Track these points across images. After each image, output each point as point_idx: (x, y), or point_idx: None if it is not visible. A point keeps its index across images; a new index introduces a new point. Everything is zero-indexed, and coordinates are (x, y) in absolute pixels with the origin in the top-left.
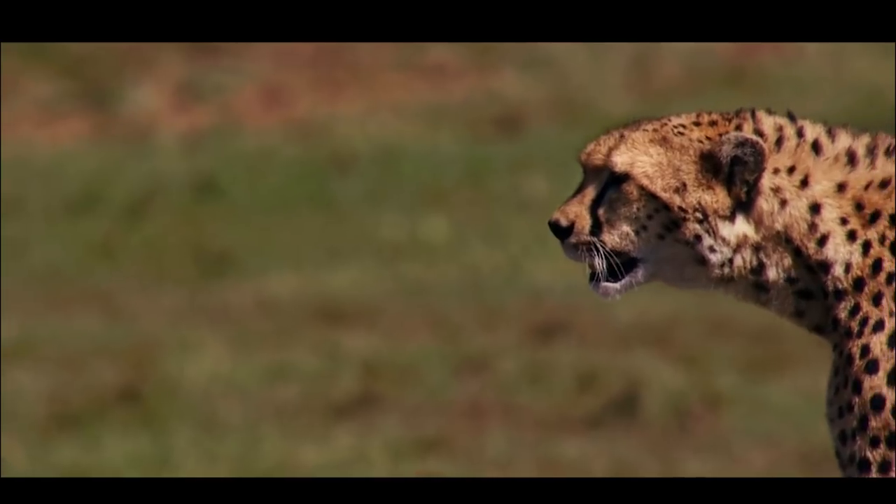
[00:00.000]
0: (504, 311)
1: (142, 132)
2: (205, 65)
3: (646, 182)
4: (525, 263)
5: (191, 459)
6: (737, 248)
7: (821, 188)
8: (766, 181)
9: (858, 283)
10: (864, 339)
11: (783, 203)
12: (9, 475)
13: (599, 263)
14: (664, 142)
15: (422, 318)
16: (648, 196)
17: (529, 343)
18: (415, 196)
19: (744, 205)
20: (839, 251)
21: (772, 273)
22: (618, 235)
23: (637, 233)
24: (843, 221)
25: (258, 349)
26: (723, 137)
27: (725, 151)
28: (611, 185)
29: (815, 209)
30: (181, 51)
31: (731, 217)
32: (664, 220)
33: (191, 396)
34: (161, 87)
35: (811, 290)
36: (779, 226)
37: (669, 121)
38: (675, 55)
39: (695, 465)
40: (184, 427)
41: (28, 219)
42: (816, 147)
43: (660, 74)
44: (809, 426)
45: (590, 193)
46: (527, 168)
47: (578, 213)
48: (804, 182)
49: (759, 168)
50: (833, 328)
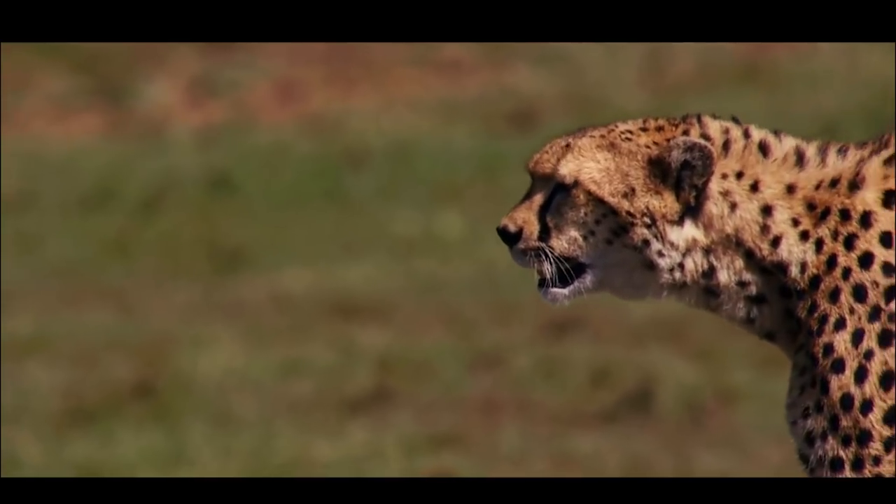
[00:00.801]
0: (518, 307)
1: (156, 128)
2: (218, 60)
3: (593, 187)
4: None
5: (205, 455)
6: (686, 252)
7: (771, 191)
8: (715, 185)
9: (814, 282)
10: (826, 338)
11: (733, 206)
12: (23, 470)
13: (549, 269)
14: (612, 147)
15: (436, 314)
16: (596, 201)
17: (543, 338)
18: (429, 191)
19: (692, 209)
20: (793, 251)
21: (723, 276)
22: (566, 241)
23: (585, 238)
24: (795, 222)
25: (272, 344)
26: (671, 142)
27: (674, 156)
28: (559, 191)
29: (767, 211)
30: (195, 47)
31: (680, 221)
32: (612, 225)
33: (205, 392)
34: (175, 83)
35: (763, 295)
36: (729, 229)
37: (616, 127)
38: (689, 51)
39: (708, 461)
40: (198, 422)
41: (42, 214)
42: (764, 148)
43: (673, 70)
44: None
45: (538, 199)
46: None
47: (527, 219)
48: (754, 186)
49: (707, 172)
50: (798, 328)
